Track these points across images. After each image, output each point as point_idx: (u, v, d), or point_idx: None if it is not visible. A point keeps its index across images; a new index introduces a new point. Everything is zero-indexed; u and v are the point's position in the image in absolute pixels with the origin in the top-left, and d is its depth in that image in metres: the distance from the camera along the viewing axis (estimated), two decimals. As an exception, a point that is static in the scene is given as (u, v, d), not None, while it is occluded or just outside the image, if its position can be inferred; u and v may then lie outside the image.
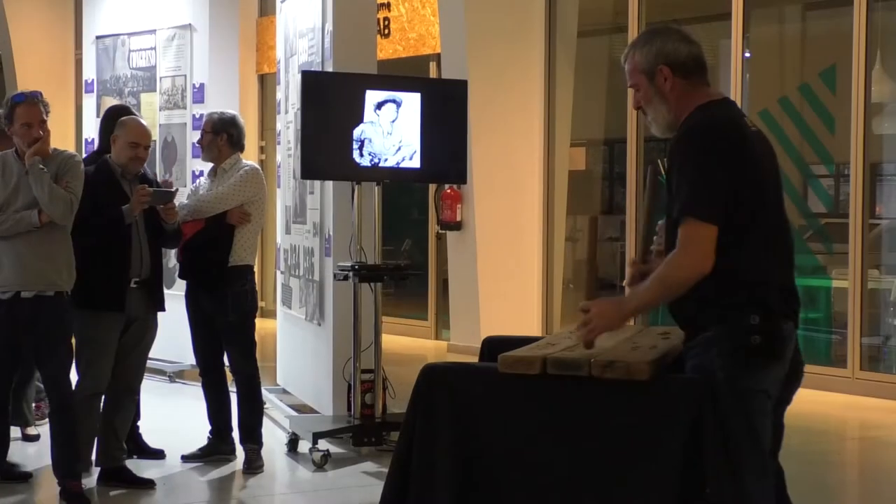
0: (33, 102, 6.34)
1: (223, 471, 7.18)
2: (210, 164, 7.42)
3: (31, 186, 6.20)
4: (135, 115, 7.31)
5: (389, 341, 8.77)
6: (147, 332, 6.85)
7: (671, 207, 3.86)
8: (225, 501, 6.85)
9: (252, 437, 7.24)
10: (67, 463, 6.38)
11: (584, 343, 3.94)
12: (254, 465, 7.16)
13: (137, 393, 7.00)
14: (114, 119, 7.05)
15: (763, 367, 3.81)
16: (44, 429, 6.96)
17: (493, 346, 4.47)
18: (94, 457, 6.78)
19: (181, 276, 7.38)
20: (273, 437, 7.74)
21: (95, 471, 6.75)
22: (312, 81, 7.66)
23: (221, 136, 7.30)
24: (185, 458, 7.32)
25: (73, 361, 6.52)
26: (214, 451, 7.36)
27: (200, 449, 7.38)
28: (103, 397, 6.72)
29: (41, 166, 6.20)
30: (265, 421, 7.50)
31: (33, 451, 7.52)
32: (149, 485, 6.74)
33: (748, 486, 3.76)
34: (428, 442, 4.10)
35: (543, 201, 12.32)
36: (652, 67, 3.97)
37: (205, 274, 7.17)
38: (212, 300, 7.17)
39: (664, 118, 4.01)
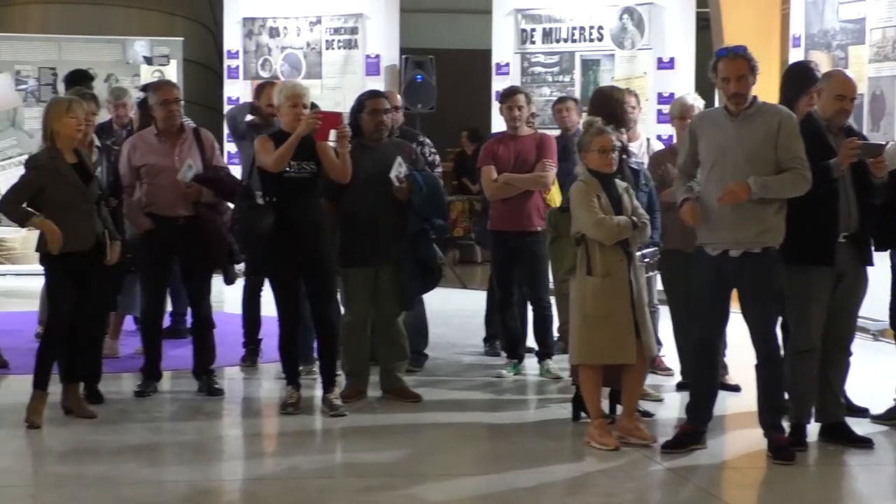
0: (733, 57, 6.44)
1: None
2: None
3: None
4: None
5: None
6: (857, 287, 6.77)
7: None
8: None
9: None
10: (770, 416, 6.51)
11: None
12: None
13: (850, 349, 6.92)
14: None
15: None
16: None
17: None
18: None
19: None
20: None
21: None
22: None
23: None
24: (875, 419, 7.15)
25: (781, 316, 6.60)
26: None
27: (889, 410, 7.19)
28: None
29: None
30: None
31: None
32: (867, 444, 6.69)
33: None
34: None
35: None
36: None
37: None
38: None
39: None
